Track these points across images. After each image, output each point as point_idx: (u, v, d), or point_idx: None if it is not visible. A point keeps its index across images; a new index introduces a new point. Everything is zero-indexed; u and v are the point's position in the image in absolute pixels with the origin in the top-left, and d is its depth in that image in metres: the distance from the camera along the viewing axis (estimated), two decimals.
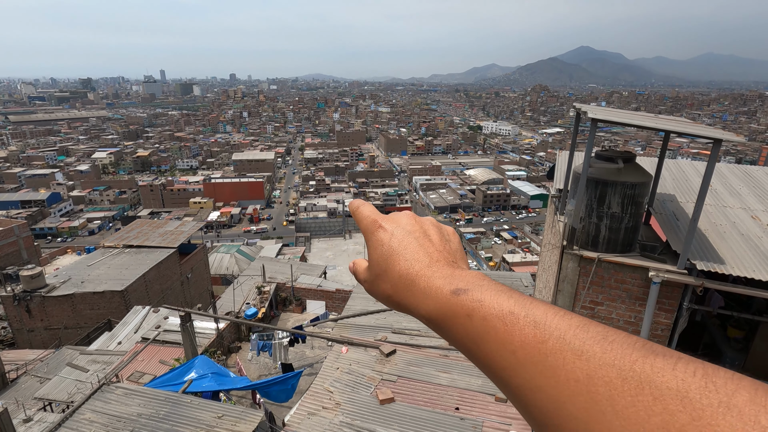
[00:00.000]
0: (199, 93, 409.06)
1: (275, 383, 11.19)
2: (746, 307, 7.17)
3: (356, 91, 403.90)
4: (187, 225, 32.00)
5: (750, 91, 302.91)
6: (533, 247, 77.01)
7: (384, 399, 9.32)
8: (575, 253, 6.20)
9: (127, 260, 25.63)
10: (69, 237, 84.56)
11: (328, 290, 21.92)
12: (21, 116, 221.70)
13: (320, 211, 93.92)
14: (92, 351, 17.16)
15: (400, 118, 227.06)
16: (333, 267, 62.79)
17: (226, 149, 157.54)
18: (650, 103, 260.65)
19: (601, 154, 6.19)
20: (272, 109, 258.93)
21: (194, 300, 28.66)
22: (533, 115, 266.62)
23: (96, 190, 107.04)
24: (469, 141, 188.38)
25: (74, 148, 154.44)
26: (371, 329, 12.54)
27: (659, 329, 6.13)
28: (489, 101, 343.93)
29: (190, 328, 12.59)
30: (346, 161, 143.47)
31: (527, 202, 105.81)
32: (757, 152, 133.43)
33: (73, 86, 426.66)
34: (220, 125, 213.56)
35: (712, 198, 7.33)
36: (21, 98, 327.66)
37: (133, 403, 9.99)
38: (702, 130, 5.52)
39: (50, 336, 22.47)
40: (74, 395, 13.15)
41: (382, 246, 0.68)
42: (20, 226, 35.98)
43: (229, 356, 16.82)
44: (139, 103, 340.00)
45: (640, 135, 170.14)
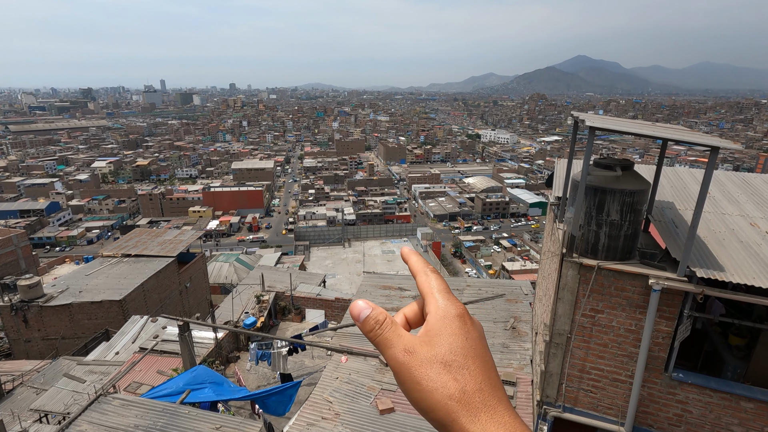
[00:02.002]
0: (199, 102, 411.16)
1: (274, 393, 11.08)
2: (747, 315, 7.15)
3: (355, 100, 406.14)
4: (186, 234, 31.93)
5: (746, 99, 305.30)
6: (533, 254, 76.92)
7: (384, 409, 9.23)
8: (575, 261, 6.19)
9: (126, 269, 25.53)
10: (67, 246, 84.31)
11: (328, 299, 21.83)
12: (21, 126, 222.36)
13: (319, 220, 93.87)
14: (89, 361, 17.00)
15: (399, 127, 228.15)
16: (332, 275, 62.68)
17: (225, 158, 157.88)
18: (647, 111, 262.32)
19: (599, 161, 6.21)
20: (272, 118, 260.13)
21: (193, 309, 28.50)
22: (531, 123, 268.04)
23: (95, 200, 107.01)
24: (467, 149, 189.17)
25: (74, 158, 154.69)
26: None
27: (660, 337, 6.10)
28: (487, 110, 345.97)
29: (189, 338, 12.50)
30: (345, 170, 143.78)
31: (526, 210, 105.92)
32: (755, 159, 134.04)
33: (73, 96, 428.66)
34: (220, 134, 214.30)
35: (711, 205, 7.35)
36: (21, 108, 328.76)
37: (130, 414, 9.87)
38: (699, 137, 5.55)
39: (47, 346, 22.29)
40: (71, 406, 13.00)
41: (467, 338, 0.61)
42: (19, 236, 35.91)
43: (228, 366, 16.68)
44: (139, 112, 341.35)
45: (638, 143, 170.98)
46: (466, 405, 0.56)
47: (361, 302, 0.66)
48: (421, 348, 0.60)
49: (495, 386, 0.58)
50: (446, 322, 0.61)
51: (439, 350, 0.59)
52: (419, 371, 0.58)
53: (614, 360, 6.46)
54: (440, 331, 0.61)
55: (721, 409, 6.13)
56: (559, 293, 6.40)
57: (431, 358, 0.59)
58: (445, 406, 0.56)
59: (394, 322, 0.64)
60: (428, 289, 0.66)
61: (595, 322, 6.37)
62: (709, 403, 6.18)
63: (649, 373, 6.29)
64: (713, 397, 6.15)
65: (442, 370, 0.58)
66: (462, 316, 0.63)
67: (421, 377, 0.58)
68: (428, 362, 0.59)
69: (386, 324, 0.63)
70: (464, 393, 0.56)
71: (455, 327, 0.61)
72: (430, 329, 0.62)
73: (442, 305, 0.63)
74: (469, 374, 0.58)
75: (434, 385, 0.57)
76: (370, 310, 0.65)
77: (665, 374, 6.25)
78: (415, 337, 0.62)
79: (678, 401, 6.33)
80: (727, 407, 6.10)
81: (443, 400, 0.56)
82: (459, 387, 0.57)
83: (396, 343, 0.61)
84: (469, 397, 0.56)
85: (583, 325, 6.44)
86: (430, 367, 0.58)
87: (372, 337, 0.63)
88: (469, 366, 0.58)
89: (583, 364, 6.66)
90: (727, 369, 6.62)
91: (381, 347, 0.63)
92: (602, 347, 6.47)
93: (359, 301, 0.66)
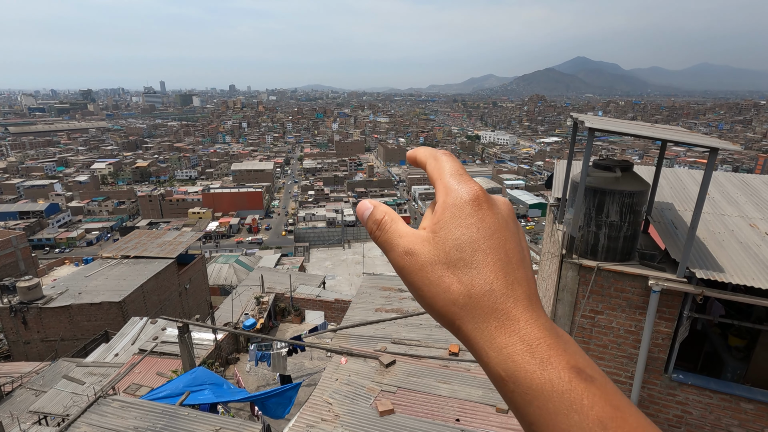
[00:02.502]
0: (198, 104, 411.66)
1: (273, 395, 11.08)
2: (747, 316, 7.16)
3: (355, 102, 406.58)
4: (186, 235, 31.94)
5: (745, 101, 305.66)
6: (532, 256, 76.88)
7: (384, 410, 9.22)
8: (574, 262, 6.19)
9: (125, 271, 25.51)
10: (67, 248, 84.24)
11: (327, 300, 21.83)
12: (21, 127, 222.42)
13: (319, 221, 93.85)
14: (89, 363, 16.99)
15: (398, 128, 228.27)
16: (332, 277, 62.66)
17: (225, 159, 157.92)
18: (646, 112, 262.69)
19: (598, 163, 6.22)
20: (271, 119, 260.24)
21: (192, 311, 28.49)
22: (531, 124, 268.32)
23: (95, 201, 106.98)
24: (467, 150, 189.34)
25: (73, 159, 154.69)
26: (370, 339, 12.45)
27: (660, 338, 6.10)
28: (487, 111, 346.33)
29: (188, 340, 12.48)
30: (344, 171, 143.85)
31: (526, 211, 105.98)
32: (754, 160, 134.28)
33: (73, 97, 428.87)
34: (220, 136, 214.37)
35: (710, 206, 7.36)
36: (21, 109, 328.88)
37: (129, 416, 9.86)
38: (698, 139, 5.56)
39: (47, 348, 22.26)
40: (70, 408, 12.98)
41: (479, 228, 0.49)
42: (18, 237, 35.89)
43: (228, 367, 16.66)
44: (138, 114, 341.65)
45: (637, 144, 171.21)
46: (471, 311, 0.47)
47: (366, 201, 0.58)
48: (422, 247, 0.51)
49: (512, 284, 0.48)
50: (455, 211, 0.50)
51: (443, 248, 0.49)
52: (419, 275, 0.50)
53: (614, 361, 6.46)
54: (447, 223, 0.50)
55: (721, 410, 6.13)
56: (558, 294, 6.41)
57: (432, 258, 0.49)
58: (448, 313, 0.49)
59: (393, 219, 0.54)
60: (438, 173, 0.55)
61: (595, 324, 6.37)
62: (709, 404, 6.18)
63: (649, 374, 6.29)
64: (713, 399, 6.15)
65: (445, 271, 0.49)
66: (475, 200, 0.50)
67: (422, 282, 0.50)
68: (429, 264, 0.49)
69: (384, 223, 0.54)
70: (470, 297, 0.47)
71: (465, 215, 0.50)
72: (437, 222, 0.51)
73: (453, 190, 0.52)
74: (477, 273, 0.48)
75: (435, 290, 0.49)
76: (372, 209, 0.56)
77: (665, 375, 6.25)
78: (417, 234, 0.52)
79: (678, 402, 6.33)
80: (727, 408, 6.10)
81: (446, 306, 0.48)
82: (464, 290, 0.48)
83: (396, 245, 0.52)
84: (476, 301, 0.47)
85: (583, 327, 6.44)
86: (432, 269, 0.49)
87: (374, 240, 0.55)
88: (478, 263, 0.48)
89: None
90: (726, 370, 6.62)
91: (384, 250, 0.54)
92: (602, 348, 6.47)
93: (365, 201, 0.58)
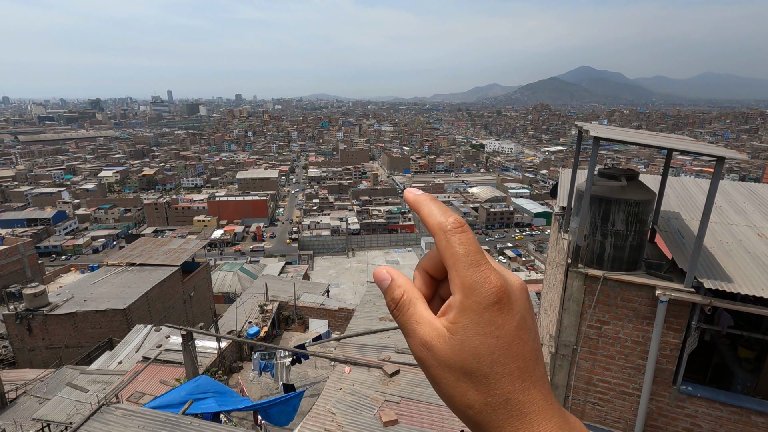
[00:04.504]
0: (205, 113, 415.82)
1: (277, 403, 10.99)
2: (756, 327, 7.05)
3: (360, 111, 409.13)
4: (191, 243, 32.08)
5: (751, 110, 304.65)
6: (537, 265, 76.44)
7: (387, 421, 9.12)
8: (580, 271, 6.15)
9: (130, 278, 25.61)
10: (73, 255, 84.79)
11: (331, 309, 21.75)
12: (30, 136, 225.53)
13: (323, 229, 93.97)
14: (93, 370, 16.99)
15: (403, 137, 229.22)
16: (336, 285, 62.51)
17: (230, 168, 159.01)
18: (651, 121, 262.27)
19: (603, 171, 6.20)
20: (277, 128, 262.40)
21: (196, 318, 28.48)
22: (535, 133, 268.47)
23: (101, 209, 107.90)
24: (471, 159, 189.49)
25: (81, 167, 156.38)
26: (374, 349, 12.37)
27: (668, 349, 6.02)
28: (491, 120, 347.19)
29: (192, 348, 12.46)
30: (349, 179, 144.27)
31: (531, 220, 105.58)
32: (761, 170, 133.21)
33: (82, 107, 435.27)
34: (225, 144, 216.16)
35: (717, 215, 7.30)
36: (31, 118, 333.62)
37: (132, 424, 9.82)
38: (705, 148, 5.54)
39: (51, 355, 22.31)
40: (73, 416, 12.96)
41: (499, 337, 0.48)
42: (25, 245, 36.21)
43: (231, 376, 16.59)
44: (146, 122, 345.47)
45: (643, 153, 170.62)
46: (487, 416, 0.48)
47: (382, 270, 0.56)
48: (439, 344, 0.49)
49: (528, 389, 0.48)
50: (474, 318, 0.48)
51: (460, 354, 0.48)
52: (436, 372, 0.50)
53: (621, 372, 6.37)
54: (465, 329, 0.48)
55: (731, 423, 6.01)
56: (564, 304, 6.35)
57: (449, 361, 0.49)
58: (464, 415, 0.49)
59: (411, 300, 0.53)
60: (451, 260, 0.50)
61: (602, 334, 6.30)
62: (719, 417, 6.06)
63: (657, 385, 6.20)
64: (723, 411, 6.03)
65: (462, 377, 0.48)
66: (496, 304, 0.48)
67: (439, 378, 0.50)
68: (446, 365, 0.49)
69: (402, 305, 0.53)
70: (486, 405, 0.48)
71: (484, 323, 0.48)
72: (453, 322, 0.49)
73: (471, 291, 0.48)
74: (495, 384, 0.47)
75: (453, 392, 0.49)
76: (389, 282, 0.55)
77: (673, 387, 6.15)
78: (435, 327, 0.51)
79: (687, 415, 6.22)
80: (738, 421, 5.98)
81: (462, 408, 0.49)
82: (481, 399, 0.48)
83: (413, 332, 0.52)
84: (493, 410, 0.47)
85: (589, 337, 6.37)
86: (449, 371, 0.49)
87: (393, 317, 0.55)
88: (496, 374, 0.47)
89: (590, 376, 6.57)
90: (736, 382, 6.51)
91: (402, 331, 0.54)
92: (609, 359, 6.39)
93: (381, 269, 0.56)
